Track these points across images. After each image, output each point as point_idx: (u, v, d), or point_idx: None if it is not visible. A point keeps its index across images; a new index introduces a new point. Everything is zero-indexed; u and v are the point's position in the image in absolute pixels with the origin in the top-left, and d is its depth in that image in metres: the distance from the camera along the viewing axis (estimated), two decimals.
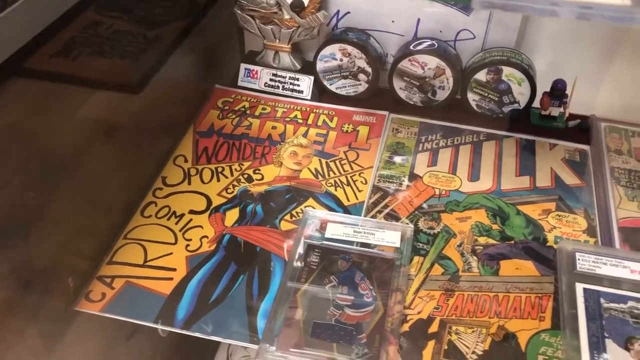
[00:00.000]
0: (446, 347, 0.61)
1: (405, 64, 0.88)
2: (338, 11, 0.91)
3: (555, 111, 0.89)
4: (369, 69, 0.90)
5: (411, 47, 0.87)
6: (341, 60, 0.90)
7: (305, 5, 0.87)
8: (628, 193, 0.78)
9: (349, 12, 0.90)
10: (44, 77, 0.63)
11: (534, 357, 0.60)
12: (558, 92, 0.87)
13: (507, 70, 0.84)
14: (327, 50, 0.90)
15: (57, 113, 0.62)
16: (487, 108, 0.89)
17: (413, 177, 0.80)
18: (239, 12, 0.91)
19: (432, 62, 0.86)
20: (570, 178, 0.80)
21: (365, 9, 0.89)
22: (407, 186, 0.79)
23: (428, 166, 0.82)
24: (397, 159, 0.83)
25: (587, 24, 0.90)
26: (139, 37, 0.77)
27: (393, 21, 0.89)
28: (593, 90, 0.94)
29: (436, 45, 0.87)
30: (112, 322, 0.65)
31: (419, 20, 0.88)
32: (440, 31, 0.88)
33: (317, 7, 0.88)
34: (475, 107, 0.89)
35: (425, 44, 0.87)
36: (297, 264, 0.67)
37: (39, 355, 0.61)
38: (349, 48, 0.88)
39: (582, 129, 0.89)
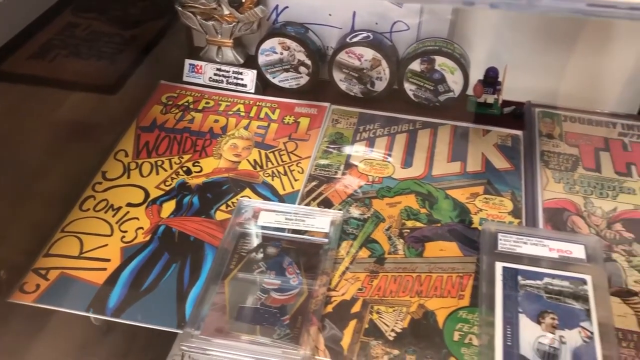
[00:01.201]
0: (367, 326, 0.63)
1: (342, 56, 0.90)
2: (277, 6, 0.93)
3: (490, 98, 0.91)
4: (309, 62, 0.92)
5: (347, 40, 0.89)
6: (281, 53, 0.92)
7: (243, 0, 0.89)
8: (555, 175, 0.81)
9: (287, 7, 0.92)
10: None
11: (450, 333, 0.62)
12: (490, 79, 0.89)
13: (439, 60, 0.87)
14: (267, 44, 0.92)
15: None
16: (424, 97, 0.91)
17: (349, 165, 0.83)
18: (180, 9, 0.93)
19: (368, 53, 0.89)
20: (500, 162, 0.83)
21: (303, 3, 0.91)
22: (343, 174, 0.81)
23: (364, 154, 0.84)
24: (335, 149, 0.85)
25: (521, 14, 0.93)
26: (87, 34, 0.79)
27: (330, 14, 0.91)
28: (529, 77, 0.96)
29: (371, 37, 0.89)
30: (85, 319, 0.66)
31: (354, 13, 0.90)
32: (376, 23, 0.90)
33: (255, 2, 0.90)
34: (412, 97, 0.92)
35: (360, 36, 0.89)
36: (227, 251, 0.69)
37: None
38: (288, 41, 0.91)
39: (516, 115, 0.92)
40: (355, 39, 0.89)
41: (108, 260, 0.70)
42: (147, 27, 0.97)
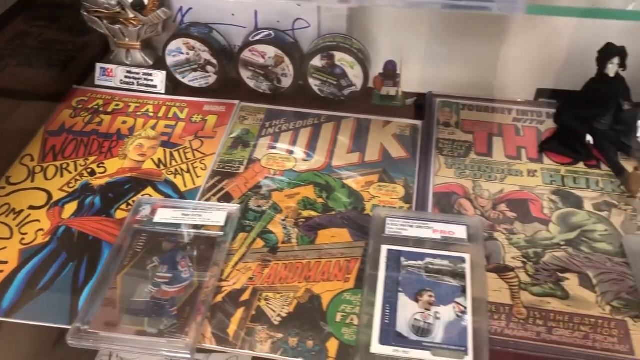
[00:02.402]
0: (254, 312, 0.66)
1: (247, 55, 0.92)
2: (181, 7, 0.95)
3: (392, 91, 0.95)
4: (215, 61, 0.94)
5: (250, 39, 0.92)
6: (187, 54, 0.94)
7: (146, 3, 0.91)
8: (448, 161, 0.84)
9: (191, 8, 0.94)
10: None
11: (333, 315, 0.65)
12: (390, 72, 0.93)
13: (338, 55, 0.90)
14: (173, 45, 0.94)
15: None
16: (329, 92, 0.94)
17: (252, 160, 0.85)
18: (85, 14, 0.94)
19: (271, 51, 0.91)
20: (397, 151, 0.86)
21: (206, 3, 0.93)
22: (245, 169, 0.84)
23: (268, 149, 0.87)
24: (240, 145, 0.87)
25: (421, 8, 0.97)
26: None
27: (233, 14, 0.94)
28: (432, 68, 1.00)
29: (273, 35, 0.91)
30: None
31: (256, 12, 0.93)
32: (278, 21, 0.93)
33: (157, 5, 0.92)
34: (318, 92, 0.95)
35: (262, 35, 0.91)
36: (123, 248, 0.71)
37: None
38: (192, 42, 0.92)
39: (417, 106, 0.95)
40: (257, 38, 0.91)
41: (5, 262, 0.71)
42: (64, 32, 0.98)
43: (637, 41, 0.91)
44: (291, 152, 0.86)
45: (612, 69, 0.81)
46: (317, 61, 0.91)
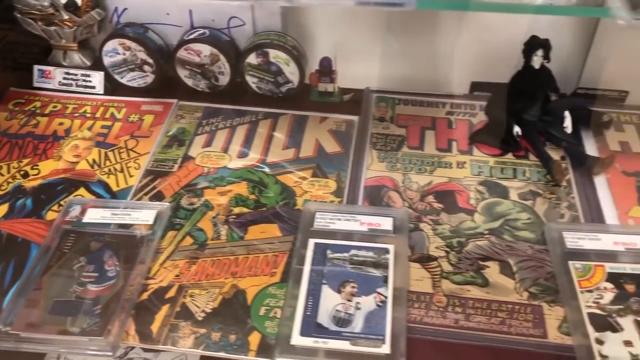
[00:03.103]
0: (179, 309, 0.66)
1: (182, 54, 0.93)
2: (116, 8, 0.95)
3: (330, 87, 0.96)
4: (151, 61, 0.94)
5: (185, 37, 0.92)
6: (124, 54, 0.94)
7: (79, 4, 0.91)
8: (380, 155, 0.86)
9: (126, 8, 0.94)
10: None
11: (257, 309, 0.66)
12: (325, 69, 0.94)
13: (273, 53, 0.91)
14: (109, 45, 0.94)
15: None
16: (267, 89, 0.95)
17: (187, 158, 0.85)
18: (19, 16, 0.93)
19: (206, 49, 0.92)
20: (331, 147, 0.87)
21: (141, 3, 0.93)
22: (179, 168, 0.84)
23: (203, 147, 0.87)
24: (175, 143, 0.88)
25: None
26: None
27: (168, 14, 0.94)
28: (371, 64, 1.01)
29: (208, 33, 0.92)
30: None
31: (191, 11, 0.93)
32: (213, 20, 0.94)
33: (91, 6, 0.92)
34: (256, 89, 0.95)
35: (197, 33, 0.92)
36: (51, 249, 0.71)
37: None
38: (127, 42, 0.93)
39: (355, 102, 0.96)
40: (191, 36, 0.91)
41: None
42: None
43: (566, 34, 0.94)
44: (226, 150, 0.87)
45: (536, 61, 0.83)
46: (252, 59, 0.91)
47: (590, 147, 0.86)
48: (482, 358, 0.62)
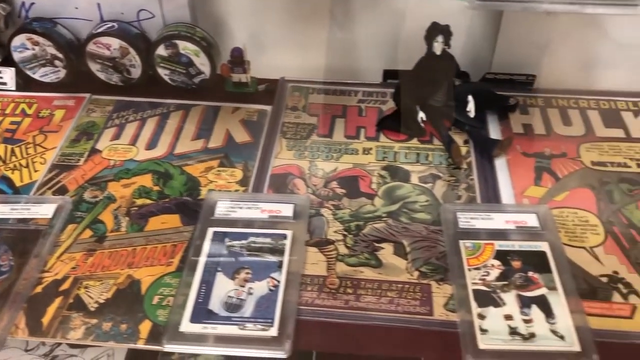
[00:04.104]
0: (72, 300, 0.66)
1: (92, 47, 0.92)
2: (23, 2, 0.94)
3: (244, 77, 0.96)
4: (61, 55, 0.93)
5: (93, 31, 0.91)
6: (33, 49, 0.93)
7: None
8: (290, 144, 0.86)
9: (34, 3, 0.93)
10: None
11: (150, 298, 0.66)
12: (237, 59, 0.94)
13: (182, 44, 0.91)
14: (16, 41, 0.92)
15: None
16: (180, 80, 0.95)
17: (93, 152, 0.85)
18: None
19: (115, 43, 0.91)
20: (241, 136, 0.88)
21: None
22: (85, 161, 0.84)
23: (111, 140, 0.87)
24: (83, 138, 0.87)
25: None
26: None
27: (77, 8, 0.93)
28: (288, 54, 1.02)
29: (116, 26, 0.92)
30: None
31: (99, 5, 0.93)
32: (122, 13, 0.93)
33: None
34: (169, 81, 0.95)
35: (105, 27, 0.91)
36: None
37: None
38: (35, 37, 0.92)
39: (270, 92, 0.97)
40: (99, 30, 0.91)
41: None
42: None
43: (476, 20, 0.96)
44: (134, 142, 0.87)
45: (437, 47, 0.84)
46: (162, 50, 0.91)
47: (495, 131, 0.89)
48: (368, 336, 0.63)
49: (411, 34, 0.96)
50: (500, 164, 0.83)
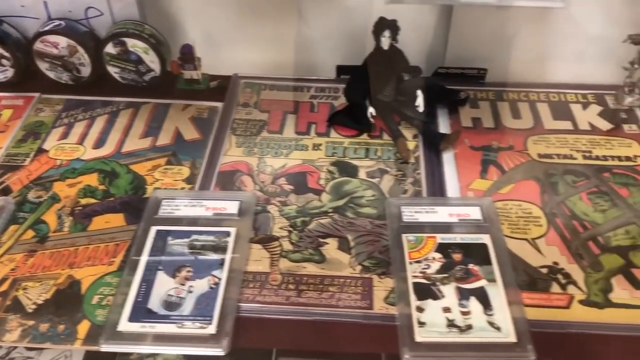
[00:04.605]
0: (9, 302, 0.65)
1: (39, 46, 0.91)
2: None
3: (195, 74, 0.96)
4: (8, 54, 0.92)
5: (40, 29, 0.90)
6: None
7: None
8: (239, 140, 0.86)
9: None
10: None
11: (90, 298, 0.66)
12: (187, 56, 0.93)
13: (130, 42, 0.90)
14: None
15: None
16: (130, 78, 0.94)
17: (40, 152, 0.84)
18: None
19: (62, 41, 0.90)
20: (190, 134, 0.87)
21: None
22: (31, 161, 0.83)
23: (58, 140, 0.86)
24: (30, 137, 0.86)
25: None
26: None
27: (23, 6, 0.92)
28: (241, 51, 1.01)
29: (63, 24, 0.90)
30: None
31: (45, 3, 0.91)
32: (70, 11, 0.92)
33: None
34: (120, 79, 0.94)
35: (52, 25, 0.90)
36: None
37: None
38: None
39: (223, 88, 0.97)
40: (46, 28, 0.90)
41: None
42: None
43: (428, 15, 0.96)
44: (82, 142, 0.86)
45: (384, 42, 0.85)
46: (110, 48, 0.91)
47: (445, 125, 0.89)
48: (307, 331, 0.63)
49: (365, 29, 0.96)
50: (448, 158, 0.83)
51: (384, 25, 0.84)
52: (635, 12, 0.93)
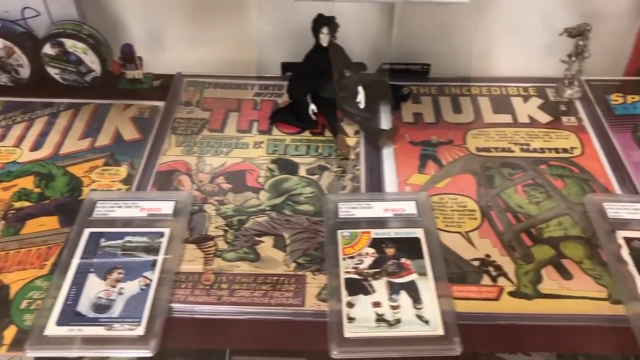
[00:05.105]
0: None
1: None
2: None
3: (137, 74, 0.95)
4: None
5: None
6: None
7: None
8: (179, 140, 0.86)
9: None
10: None
11: (19, 303, 0.65)
12: (127, 55, 0.93)
13: (68, 42, 0.89)
14: None
15: None
16: (72, 79, 0.93)
17: None
18: None
19: None
20: (130, 134, 0.86)
21: None
22: None
23: None
24: None
25: None
26: None
27: None
28: (186, 49, 1.01)
29: None
30: None
31: None
32: (6, 11, 0.90)
33: None
34: (61, 80, 0.93)
35: None
36: None
37: None
38: None
39: (167, 87, 0.96)
40: None
41: None
42: None
43: (371, 12, 0.96)
44: (19, 144, 0.84)
45: (323, 38, 0.85)
46: (48, 49, 0.89)
47: (387, 121, 0.89)
48: (239, 331, 0.63)
49: (306, 27, 0.96)
50: (388, 154, 0.84)
51: (322, 22, 0.84)
52: (574, 5, 0.94)
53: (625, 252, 0.68)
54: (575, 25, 0.88)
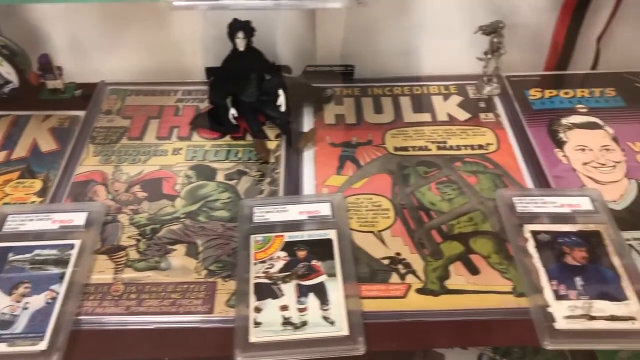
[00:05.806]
0: None
1: None
2: None
3: (58, 84, 0.94)
4: None
5: None
6: None
7: None
8: (97, 149, 0.85)
9: None
10: None
11: None
12: (44, 66, 0.91)
13: None
14: None
15: None
16: None
17: None
18: None
19: None
20: (48, 145, 0.85)
21: None
22: None
23: None
24: None
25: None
26: None
27: None
28: (108, 57, 1.00)
29: None
30: None
31: None
32: None
33: None
34: None
35: None
36: None
37: None
38: None
39: (87, 97, 0.95)
40: None
41: None
42: None
43: (292, 16, 0.97)
44: None
45: (239, 43, 0.84)
46: None
47: (309, 123, 0.90)
48: (146, 340, 0.63)
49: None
50: (309, 156, 0.84)
51: (236, 26, 0.84)
52: (492, 2, 0.95)
53: (531, 246, 0.70)
54: (489, 22, 0.89)
